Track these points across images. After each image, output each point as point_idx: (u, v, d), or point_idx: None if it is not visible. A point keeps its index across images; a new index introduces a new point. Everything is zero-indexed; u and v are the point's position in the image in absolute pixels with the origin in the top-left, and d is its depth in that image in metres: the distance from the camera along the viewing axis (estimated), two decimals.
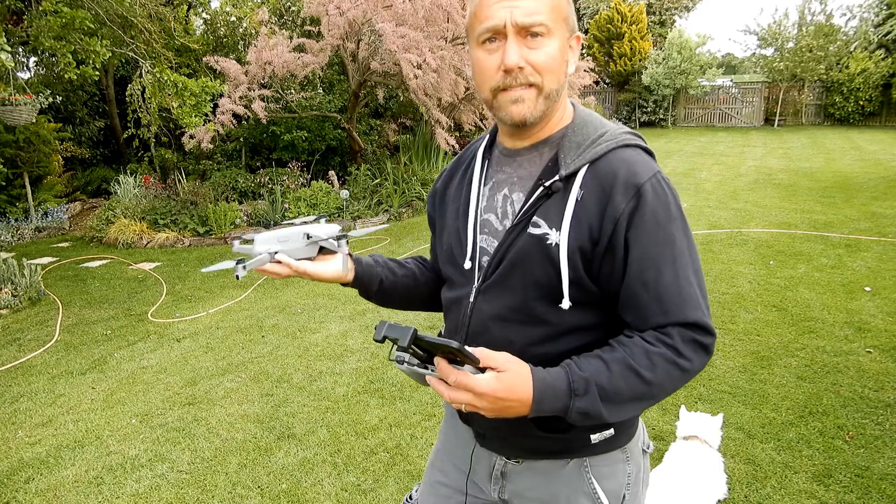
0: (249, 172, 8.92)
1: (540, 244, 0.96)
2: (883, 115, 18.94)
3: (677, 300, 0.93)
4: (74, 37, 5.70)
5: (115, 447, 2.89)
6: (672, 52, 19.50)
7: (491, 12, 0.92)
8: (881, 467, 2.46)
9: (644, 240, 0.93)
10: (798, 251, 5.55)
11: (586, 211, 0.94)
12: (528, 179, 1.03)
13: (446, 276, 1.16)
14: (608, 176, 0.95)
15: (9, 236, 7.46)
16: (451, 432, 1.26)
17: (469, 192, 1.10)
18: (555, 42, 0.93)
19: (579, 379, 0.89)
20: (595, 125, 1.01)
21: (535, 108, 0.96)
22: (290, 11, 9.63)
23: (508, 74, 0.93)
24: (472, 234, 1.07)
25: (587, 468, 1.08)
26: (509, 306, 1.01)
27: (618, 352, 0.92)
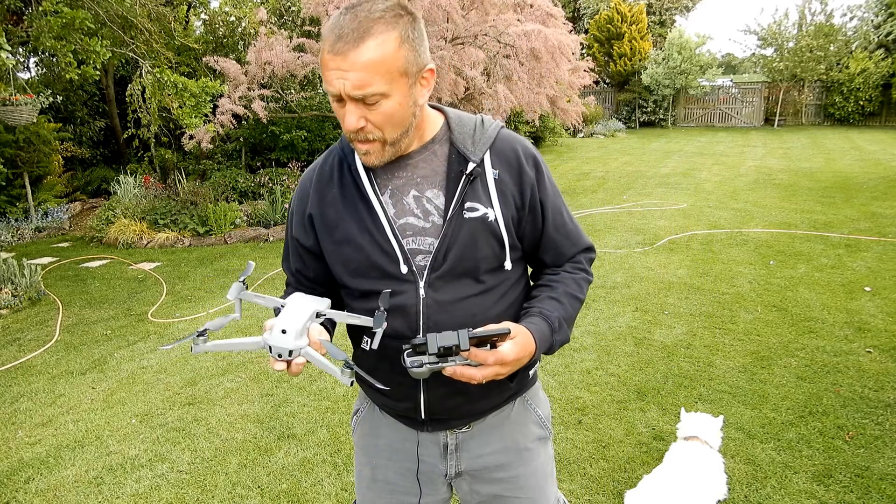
0: (249, 172, 8.92)
1: (483, 223, 1.09)
2: (883, 115, 18.95)
3: (576, 234, 1.23)
4: (75, 37, 5.70)
5: (115, 447, 2.89)
6: (672, 52, 19.51)
7: (329, 78, 0.97)
8: (881, 467, 2.46)
9: (549, 197, 1.17)
10: (798, 251, 5.55)
11: (506, 185, 1.11)
12: (435, 176, 1.12)
13: (360, 289, 1.15)
14: (510, 153, 1.13)
15: (9, 236, 7.46)
16: (377, 447, 1.30)
17: (368, 205, 1.11)
18: (392, 100, 0.99)
19: (553, 319, 1.12)
20: (467, 117, 1.17)
21: (383, 156, 1.06)
22: (289, 11, 9.63)
23: (352, 132, 1.02)
24: (395, 240, 1.09)
25: (528, 401, 1.29)
26: (464, 287, 1.12)
27: (559, 287, 1.18)
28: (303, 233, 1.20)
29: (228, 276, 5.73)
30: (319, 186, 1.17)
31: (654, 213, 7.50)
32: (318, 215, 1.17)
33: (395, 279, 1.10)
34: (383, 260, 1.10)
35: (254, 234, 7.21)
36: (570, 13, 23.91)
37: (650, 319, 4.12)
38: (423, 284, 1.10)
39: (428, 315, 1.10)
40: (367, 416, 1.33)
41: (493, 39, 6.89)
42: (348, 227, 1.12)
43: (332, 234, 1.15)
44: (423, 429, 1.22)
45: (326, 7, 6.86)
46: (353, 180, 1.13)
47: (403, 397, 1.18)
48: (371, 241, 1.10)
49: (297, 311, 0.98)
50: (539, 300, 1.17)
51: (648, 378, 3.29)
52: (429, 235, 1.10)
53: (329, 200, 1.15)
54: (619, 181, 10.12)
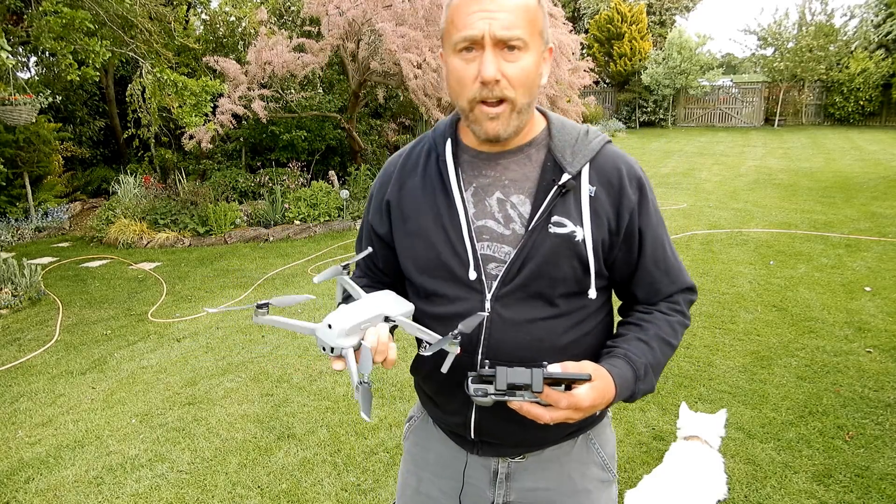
0: (249, 172, 8.92)
1: (568, 242, 0.99)
2: (883, 115, 18.94)
3: (676, 271, 1.11)
4: (75, 37, 5.70)
5: (115, 447, 2.89)
6: (672, 52, 19.50)
7: (469, 21, 0.91)
8: (881, 467, 2.46)
9: (651, 225, 1.06)
10: (798, 251, 5.55)
11: (601, 205, 1.01)
12: (524, 181, 1.03)
13: (425, 288, 1.08)
14: (612, 171, 1.03)
15: (9, 236, 7.46)
16: (426, 459, 1.23)
17: (449, 199, 1.04)
18: (531, 56, 0.93)
19: (640, 365, 1.01)
20: (572, 124, 1.08)
21: (509, 125, 0.97)
22: (289, 11, 9.63)
23: (485, 86, 0.93)
24: (469, 242, 1.02)
25: (592, 440, 1.16)
26: (535, 307, 1.02)
27: (650, 330, 1.06)
28: (378, 219, 1.14)
29: (228, 275, 5.74)
30: (402, 174, 1.11)
31: None
32: (395, 203, 1.10)
33: (461, 284, 1.03)
34: (453, 261, 1.03)
35: (254, 233, 7.21)
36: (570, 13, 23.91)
37: None
38: (491, 297, 1.02)
39: (491, 331, 1.02)
40: (421, 425, 1.26)
41: None
42: (423, 220, 1.06)
43: (406, 224, 1.08)
44: (472, 450, 1.14)
45: (326, 7, 6.87)
46: (439, 171, 1.06)
47: (454, 412, 1.11)
48: (444, 238, 1.03)
49: (359, 309, 0.93)
50: (626, 340, 1.05)
51: None
52: (506, 243, 1.02)
53: (409, 189, 1.09)
54: None
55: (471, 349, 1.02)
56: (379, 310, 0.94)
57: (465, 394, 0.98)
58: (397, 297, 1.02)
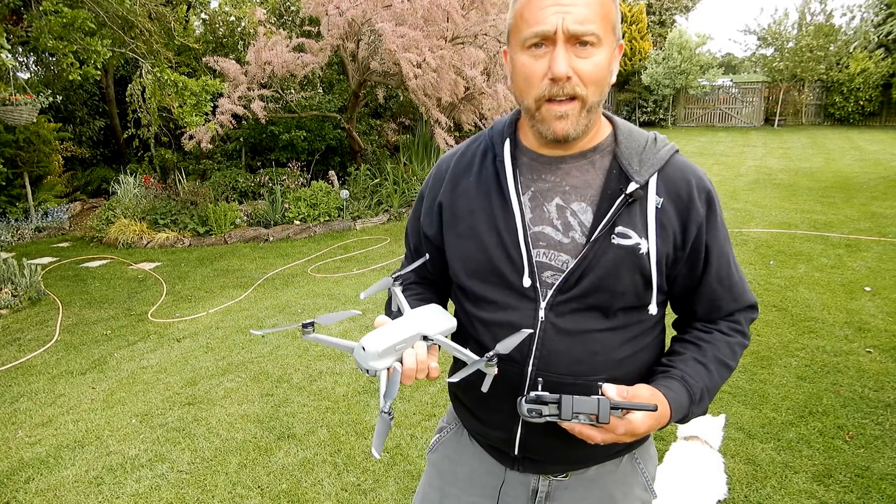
0: (249, 172, 8.92)
1: (632, 254, 0.95)
2: (883, 115, 18.95)
3: (740, 289, 1.06)
4: (75, 36, 5.69)
5: (115, 447, 2.89)
6: (672, 52, 19.50)
7: (542, 16, 0.87)
8: (881, 467, 2.46)
9: (718, 241, 1.02)
10: (798, 251, 5.55)
11: (668, 218, 0.97)
12: (587, 188, 0.98)
13: (475, 293, 1.04)
14: (681, 183, 0.98)
15: (9, 236, 7.46)
16: (455, 474, 1.17)
17: (505, 202, 0.99)
18: (603, 52, 0.90)
19: (696, 390, 0.98)
20: (639, 131, 1.04)
21: (578, 124, 0.93)
22: (289, 11, 9.63)
23: (555, 83, 0.89)
24: (524, 248, 0.97)
25: (637, 460, 1.12)
26: (590, 319, 0.98)
27: (709, 351, 1.03)
28: (428, 221, 1.10)
29: (228, 275, 5.73)
30: (455, 173, 1.07)
31: None
32: (447, 204, 1.06)
33: (514, 291, 0.99)
34: (506, 266, 0.98)
35: (254, 233, 7.21)
36: None
37: None
38: (545, 305, 0.97)
39: (543, 342, 0.97)
40: (453, 437, 1.19)
41: (493, 39, 6.89)
42: (476, 222, 1.01)
43: (458, 226, 1.03)
44: (513, 466, 1.09)
45: (326, 7, 6.87)
46: (495, 172, 1.01)
47: (498, 426, 1.05)
48: (498, 242, 0.99)
49: (396, 329, 0.90)
50: (683, 361, 1.02)
51: None
52: (564, 252, 0.97)
53: (462, 190, 1.04)
54: None
55: (521, 360, 0.97)
56: (416, 329, 0.91)
57: (511, 407, 0.96)
58: (441, 313, 0.98)
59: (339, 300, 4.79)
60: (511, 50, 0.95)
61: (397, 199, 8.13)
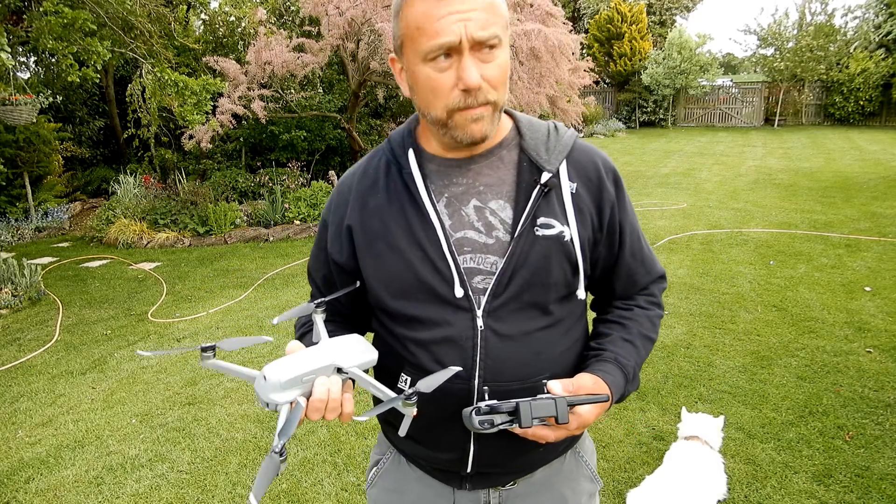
0: (249, 172, 8.92)
1: (558, 243, 0.95)
2: (883, 115, 18.95)
3: (651, 261, 1.10)
4: (75, 37, 5.69)
5: (115, 447, 2.89)
6: (672, 52, 19.51)
7: (442, 26, 0.81)
8: (881, 467, 2.46)
9: (629, 217, 1.04)
10: (798, 251, 5.55)
11: (583, 202, 0.98)
12: (501, 185, 0.97)
13: (404, 314, 0.98)
14: (589, 166, 1.00)
15: (9, 236, 7.46)
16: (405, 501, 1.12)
17: (421, 213, 0.95)
18: (505, 52, 0.87)
19: (629, 369, 1.00)
20: (538, 121, 1.03)
21: (492, 125, 0.91)
22: (289, 11, 9.63)
23: (468, 94, 0.85)
24: (450, 256, 0.93)
25: (579, 453, 1.14)
26: (530, 318, 0.96)
27: (633, 328, 1.05)
28: (338, 248, 1.03)
29: (228, 275, 5.73)
30: (361, 193, 1.01)
31: (654, 213, 7.50)
32: (358, 226, 1.00)
33: (447, 304, 0.94)
34: (435, 279, 0.94)
35: (254, 234, 7.21)
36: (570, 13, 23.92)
37: None
38: (482, 313, 0.93)
39: (486, 351, 0.93)
40: (392, 467, 1.14)
41: None
42: (394, 239, 0.96)
43: (374, 246, 0.98)
44: (461, 486, 1.05)
45: (326, 7, 6.86)
46: (404, 185, 0.97)
47: (448, 448, 1.00)
48: (422, 256, 0.94)
49: (306, 359, 0.82)
50: (612, 342, 1.03)
51: (648, 378, 3.29)
52: (491, 253, 0.94)
53: (372, 209, 0.99)
54: None
55: (466, 375, 0.93)
56: (330, 359, 0.82)
57: (461, 426, 0.92)
58: (362, 344, 0.90)
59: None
60: (407, 62, 0.90)
61: None
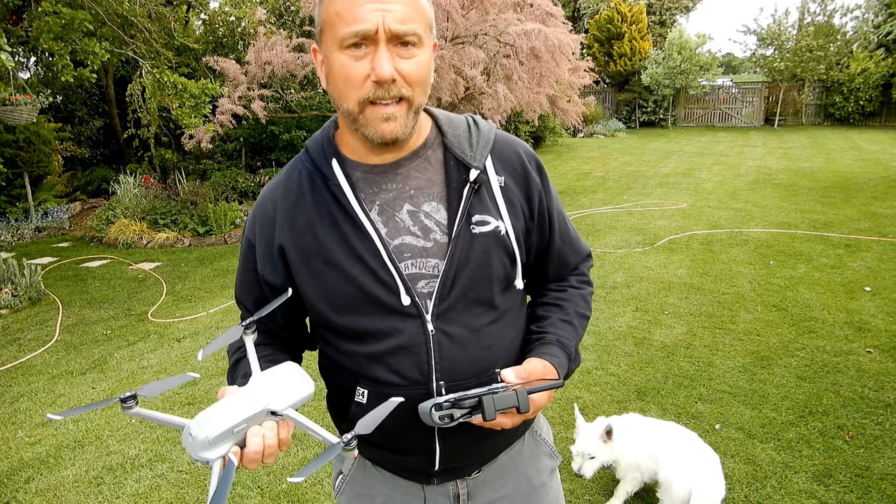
0: (249, 172, 8.92)
1: (495, 238, 0.96)
2: (883, 115, 18.94)
3: (577, 242, 1.14)
4: (74, 37, 5.69)
5: (115, 447, 2.89)
6: (672, 52, 19.50)
7: (361, 14, 0.81)
8: (881, 467, 2.46)
9: (555, 203, 1.07)
10: (798, 251, 5.55)
11: (513, 193, 0.99)
12: (431, 186, 0.96)
13: (352, 329, 0.96)
14: (512, 157, 1.02)
15: (9, 236, 7.46)
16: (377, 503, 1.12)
17: (355, 225, 0.92)
18: (425, 52, 0.87)
19: (571, 348, 1.04)
20: (456, 117, 1.03)
21: (406, 125, 0.89)
22: (289, 11, 9.63)
23: (380, 86, 0.84)
24: (392, 265, 0.92)
25: (536, 432, 1.17)
26: (477, 316, 0.96)
27: (569, 308, 1.09)
28: (270, 269, 0.98)
29: (228, 275, 5.73)
30: (287, 210, 0.97)
31: (654, 213, 7.50)
32: (290, 245, 0.96)
33: (395, 313, 0.93)
34: (379, 290, 0.92)
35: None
36: (570, 13, 23.91)
37: (650, 319, 4.12)
38: (431, 317, 0.93)
39: (440, 353, 0.94)
40: (357, 473, 1.13)
41: (492, 39, 6.89)
42: (331, 255, 0.93)
43: (311, 264, 0.95)
44: (430, 482, 1.06)
45: None
46: (332, 197, 0.94)
47: (415, 451, 1.01)
48: (363, 268, 0.92)
49: (235, 406, 0.75)
50: (551, 324, 1.05)
51: (648, 378, 3.29)
52: (431, 256, 0.94)
53: (302, 225, 0.95)
54: (619, 181, 10.11)
55: (424, 380, 0.94)
56: (262, 404, 0.77)
57: (427, 429, 0.93)
58: (296, 375, 0.84)
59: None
60: (325, 49, 0.88)
61: None
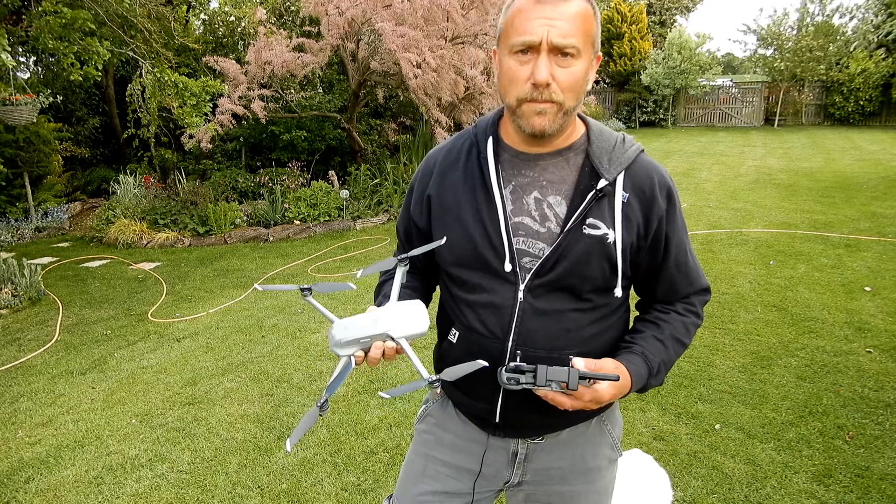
0: (249, 172, 8.92)
1: (600, 243, 1.07)
2: (883, 115, 18.94)
3: (695, 274, 1.20)
4: (75, 37, 5.69)
5: (115, 447, 2.89)
6: (672, 52, 19.50)
7: (530, 27, 0.96)
8: (881, 467, 2.46)
9: (676, 232, 1.14)
10: (798, 251, 5.55)
11: (633, 211, 1.08)
12: (562, 183, 1.09)
13: (461, 278, 1.14)
14: (645, 180, 1.10)
15: (9, 236, 7.46)
16: (442, 439, 1.28)
17: (488, 195, 1.09)
18: (582, 63, 0.99)
19: (654, 363, 1.11)
20: (609, 132, 1.14)
21: (555, 122, 1.02)
22: (289, 11, 9.63)
23: (536, 88, 0.98)
24: (506, 236, 1.08)
25: (605, 422, 1.25)
26: (564, 300, 1.09)
27: (666, 329, 1.16)
28: (418, 212, 1.21)
29: (228, 275, 5.73)
30: (443, 168, 1.17)
31: None
32: (435, 197, 1.16)
33: (496, 276, 1.09)
34: (490, 253, 1.09)
35: (254, 233, 7.21)
36: None
37: None
38: (524, 288, 1.08)
39: (522, 319, 1.09)
40: (438, 408, 1.31)
41: (492, 39, 6.89)
42: (462, 214, 1.11)
43: (445, 217, 1.14)
44: (494, 433, 1.20)
45: (326, 7, 6.87)
46: (480, 167, 1.12)
47: (481, 397, 1.16)
48: (482, 232, 1.09)
49: (365, 324, 0.99)
50: (643, 338, 1.15)
51: None
52: (541, 240, 1.08)
53: (449, 184, 1.15)
54: None
55: (502, 336, 1.09)
56: (385, 327, 0.98)
57: (494, 381, 1.06)
58: (418, 314, 1.02)
59: (339, 300, 4.79)
60: (500, 52, 1.04)
61: (397, 199, 8.12)
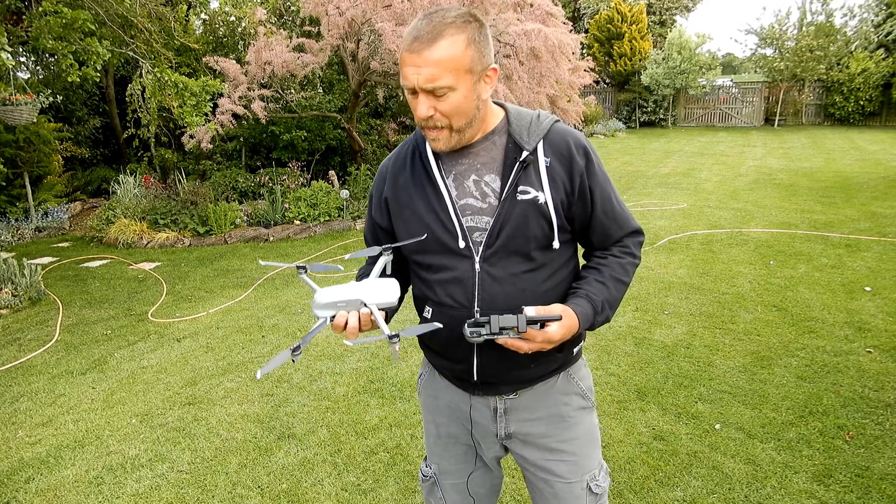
0: (249, 172, 8.92)
1: (533, 205, 1.23)
2: (883, 115, 18.94)
3: (623, 218, 1.34)
4: (75, 37, 5.69)
5: (115, 447, 2.89)
6: (672, 52, 19.50)
7: (406, 73, 1.14)
8: (881, 467, 2.46)
9: (599, 183, 1.28)
10: (798, 251, 5.55)
11: (556, 172, 1.24)
12: (493, 163, 1.26)
13: (426, 263, 1.31)
14: (562, 144, 1.26)
15: (9, 236, 7.46)
16: (438, 407, 1.48)
17: (435, 187, 1.26)
18: (458, 93, 1.14)
19: (598, 302, 1.26)
20: (526, 111, 1.30)
21: (450, 141, 1.21)
22: (289, 11, 9.63)
23: (423, 120, 1.18)
24: (455, 218, 1.24)
25: (571, 375, 1.41)
26: (515, 263, 1.25)
27: (605, 272, 1.31)
28: (380, 215, 1.38)
29: (228, 275, 5.73)
30: (394, 172, 1.35)
31: (654, 213, 7.50)
32: (391, 198, 1.34)
33: (454, 254, 1.25)
34: (445, 236, 1.25)
35: (254, 233, 7.21)
36: (570, 13, 23.90)
37: (650, 319, 4.12)
38: (479, 259, 1.24)
39: (482, 287, 1.24)
40: (429, 379, 1.50)
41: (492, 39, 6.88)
42: (416, 207, 1.28)
43: (403, 213, 1.31)
44: (474, 392, 1.37)
45: (326, 7, 6.86)
46: (423, 166, 1.29)
47: (459, 360, 1.32)
48: (436, 219, 1.25)
49: (344, 291, 1.17)
50: (586, 282, 1.30)
51: (648, 378, 3.29)
52: (485, 215, 1.24)
53: (401, 184, 1.32)
54: (619, 181, 10.11)
55: (468, 304, 1.25)
56: (358, 295, 1.17)
57: (468, 343, 1.25)
58: (391, 288, 1.20)
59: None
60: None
61: None
